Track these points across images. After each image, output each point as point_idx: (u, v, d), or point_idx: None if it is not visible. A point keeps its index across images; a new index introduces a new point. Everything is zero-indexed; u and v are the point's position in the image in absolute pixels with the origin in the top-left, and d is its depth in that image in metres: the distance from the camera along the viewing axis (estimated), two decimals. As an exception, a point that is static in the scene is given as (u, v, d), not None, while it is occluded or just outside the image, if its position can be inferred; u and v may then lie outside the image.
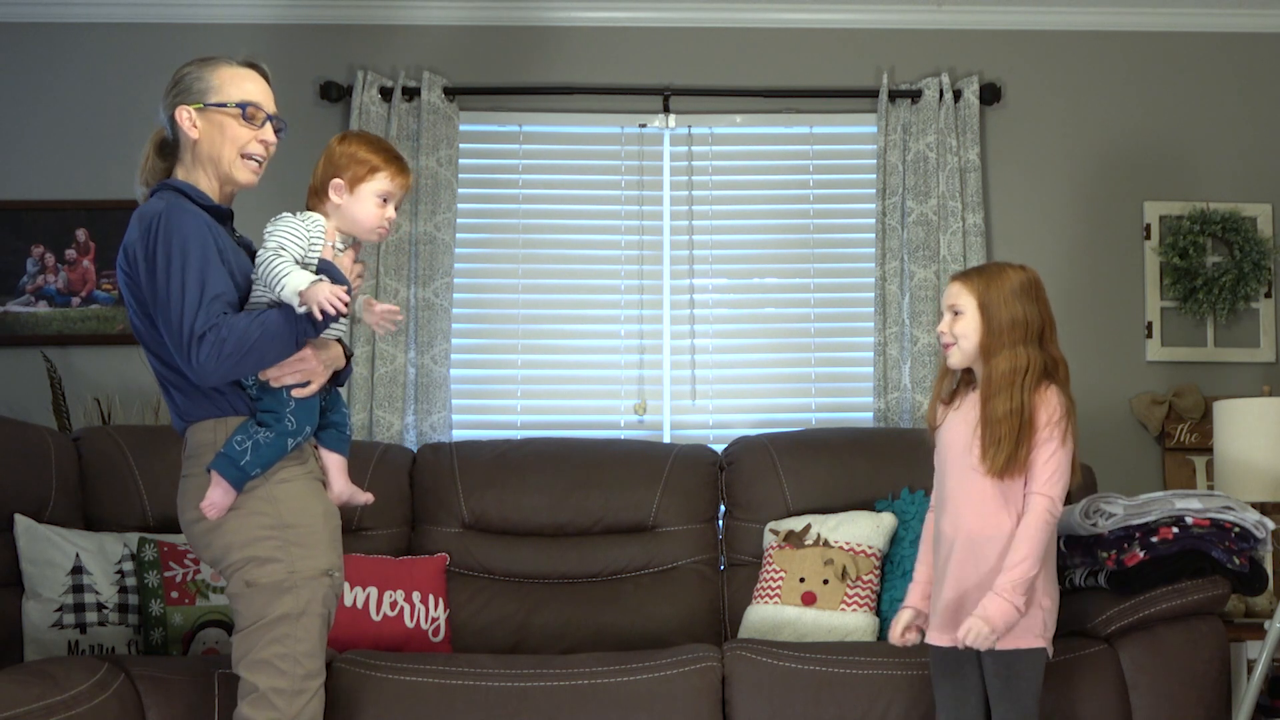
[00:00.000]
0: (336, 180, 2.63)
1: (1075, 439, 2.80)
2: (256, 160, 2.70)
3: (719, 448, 4.08)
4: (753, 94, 4.53)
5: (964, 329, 2.82)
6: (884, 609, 3.60)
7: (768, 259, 4.55)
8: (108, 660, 2.99)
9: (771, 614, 3.60)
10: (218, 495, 2.51)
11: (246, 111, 2.66)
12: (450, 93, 4.46)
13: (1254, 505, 3.47)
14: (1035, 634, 2.76)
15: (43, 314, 4.43)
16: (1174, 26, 4.61)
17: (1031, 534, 2.72)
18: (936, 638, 2.85)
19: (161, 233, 2.52)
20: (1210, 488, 4.26)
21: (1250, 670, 3.36)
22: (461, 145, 4.51)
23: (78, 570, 3.32)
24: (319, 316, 2.47)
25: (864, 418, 4.44)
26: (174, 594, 3.38)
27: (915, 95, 4.48)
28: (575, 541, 3.87)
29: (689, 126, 4.54)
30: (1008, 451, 2.73)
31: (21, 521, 3.34)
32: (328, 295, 2.46)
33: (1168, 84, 4.62)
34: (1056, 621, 2.82)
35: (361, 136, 2.70)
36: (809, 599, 3.57)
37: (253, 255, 2.64)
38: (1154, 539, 3.17)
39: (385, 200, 2.65)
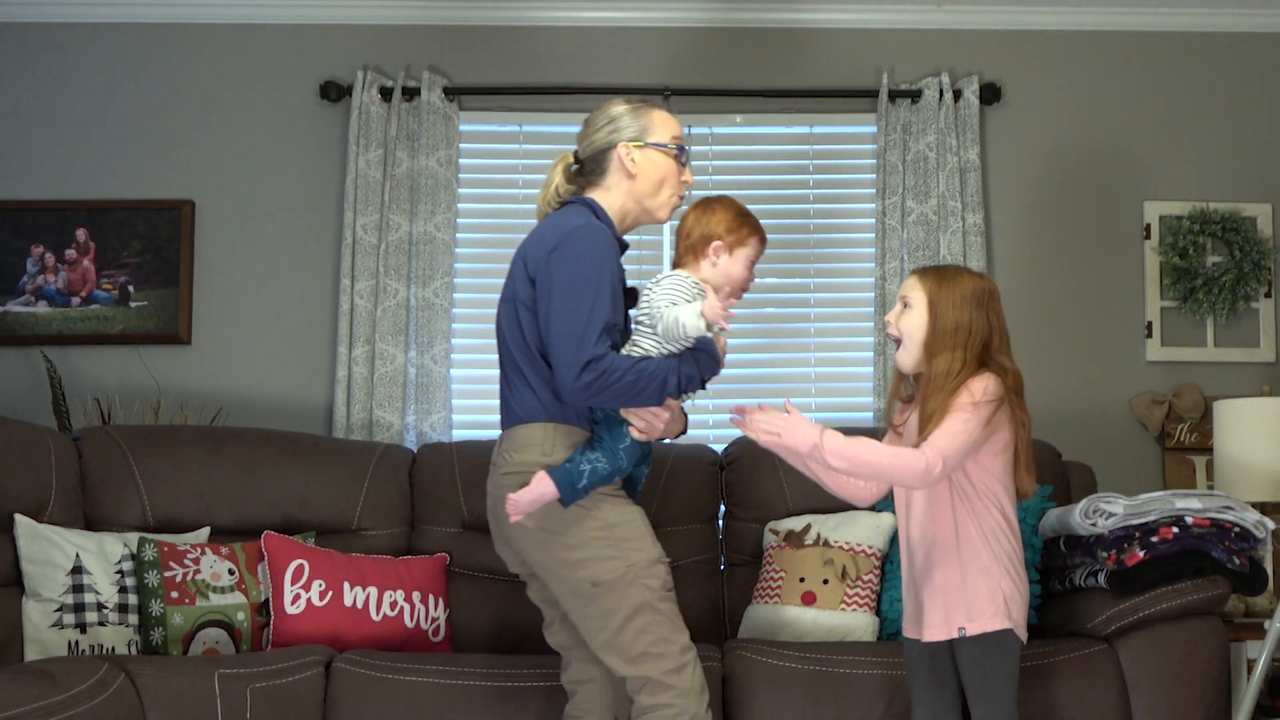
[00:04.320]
0: (717, 243, 2.81)
1: (1023, 444, 2.78)
2: (680, 198, 2.91)
3: (719, 448, 4.07)
4: (753, 94, 4.53)
5: (910, 325, 2.82)
6: (884, 609, 3.60)
7: (768, 259, 4.44)
8: (108, 660, 2.99)
9: (771, 614, 3.60)
10: (528, 498, 2.65)
11: (682, 153, 2.86)
12: (450, 93, 4.46)
13: (1254, 505, 3.47)
14: (999, 614, 2.72)
15: (43, 314, 4.43)
16: (1174, 26, 4.61)
17: (883, 455, 2.68)
18: (911, 630, 2.86)
19: (578, 249, 2.68)
20: (1210, 488, 4.26)
21: (1250, 670, 3.37)
22: (461, 145, 4.51)
23: (78, 570, 3.32)
24: (722, 326, 2.68)
25: (864, 418, 4.43)
26: (174, 594, 3.38)
27: (915, 95, 4.48)
28: (575, 541, 3.86)
29: (689, 126, 4.53)
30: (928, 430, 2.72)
31: (21, 521, 3.34)
32: (714, 307, 2.65)
33: (1168, 84, 4.62)
34: (1026, 612, 2.79)
35: (732, 203, 2.88)
36: (809, 599, 3.57)
37: (629, 292, 2.83)
38: (1154, 539, 3.17)
39: (751, 264, 2.87)
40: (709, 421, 4.46)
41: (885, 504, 3.78)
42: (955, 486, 2.78)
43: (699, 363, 2.73)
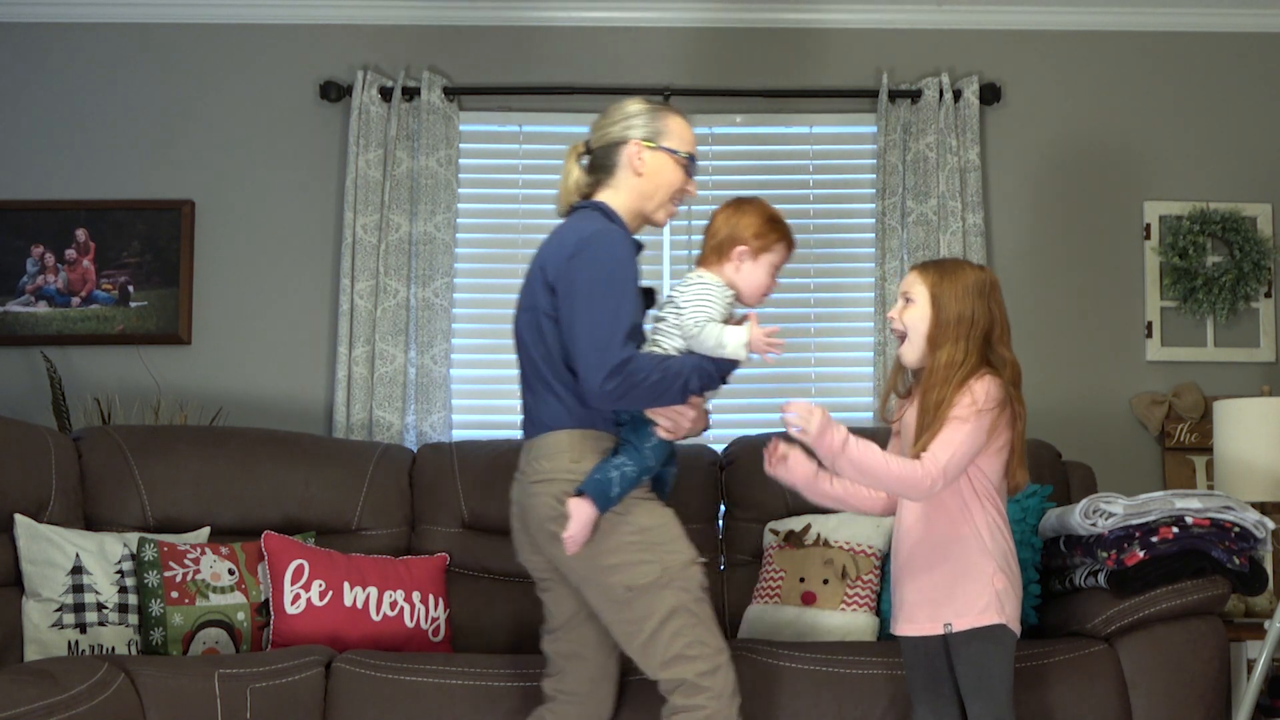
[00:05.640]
0: (742, 247, 2.79)
1: (1019, 436, 2.79)
2: (678, 207, 2.90)
3: (719, 448, 4.07)
4: (753, 94, 4.53)
5: (913, 318, 2.83)
6: (884, 609, 3.60)
7: (768, 259, 4.55)
8: (108, 660, 2.99)
9: (771, 614, 3.60)
10: (578, 529, 2.64)
11: (692, 164, 2.86)
12: (450, 93, 4.46)
13: (1254, 505, 3.47)
14: (990, 609, 2.72)
15: (43, 314, 4.43)
16: (1174, 26, 4.61)
17: (891, 466, 2.68)
18: (904, 629, 2.85)
19: (598, 253, 2.68)
20: (1210, 488, 4.26)
21: (1250, 670, 3.37)
22: (461, 145, 4.51)
23: (78, 570, 3.32)
24: (768, 360, 2.71)
25: (864, 418, 4.43)
26: (174, 594, 3.38)
27: (915, 95, 4.49)
28: (575, 541, 3.87)
29: (689, 126, 4.53)
30: (928, 438, 2.72)
31: (21, 521, 3.34)
32: (760, 337, 2.70)
33: (1168, 84, 4.62)
34: (1020, 608, 2.79)
35: (762, 207, 2.84)
36: (809, 599, 3.57)
37: (644, 292, 2.81)
38: (1154, 539, 3.17)
39: (775, 270, 2.83)
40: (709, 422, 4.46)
41: (885, 504, 3.78)
42: (965, 490, 2.78)
43: (718, 361, 2.73)
